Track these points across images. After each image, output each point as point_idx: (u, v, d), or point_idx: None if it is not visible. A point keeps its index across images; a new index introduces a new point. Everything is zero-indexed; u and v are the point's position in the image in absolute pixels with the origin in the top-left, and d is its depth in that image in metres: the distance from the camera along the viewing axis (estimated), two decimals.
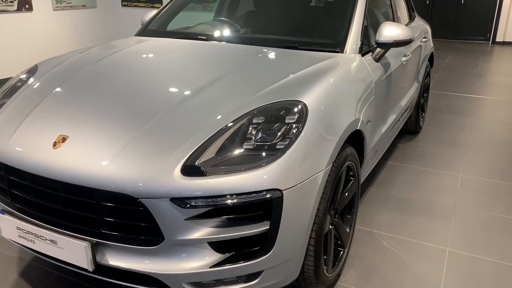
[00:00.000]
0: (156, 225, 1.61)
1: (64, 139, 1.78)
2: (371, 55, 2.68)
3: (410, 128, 4.38)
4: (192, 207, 1.59)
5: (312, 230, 1.85)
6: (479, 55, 9.58)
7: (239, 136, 1.74)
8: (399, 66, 3.13)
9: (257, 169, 1.63)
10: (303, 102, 1.86)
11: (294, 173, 1.68)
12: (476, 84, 6.89)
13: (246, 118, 1.79)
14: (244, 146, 1.71)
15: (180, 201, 1.58)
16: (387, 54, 2.82)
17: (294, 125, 1.77)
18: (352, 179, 2.29)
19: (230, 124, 1.77)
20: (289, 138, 1.72)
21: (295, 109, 1.83)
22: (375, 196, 3.21)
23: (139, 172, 1.61)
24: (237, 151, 1.69)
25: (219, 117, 1.83)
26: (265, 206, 1.65)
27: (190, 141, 1.71)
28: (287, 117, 1.79)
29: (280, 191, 1.64)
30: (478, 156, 3.99)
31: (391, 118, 3.15)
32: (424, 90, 4.49)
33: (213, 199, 1.59)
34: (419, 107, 4.28)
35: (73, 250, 1.70)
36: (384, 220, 2.88)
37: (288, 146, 1.70)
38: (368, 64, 2.58)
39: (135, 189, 1.58)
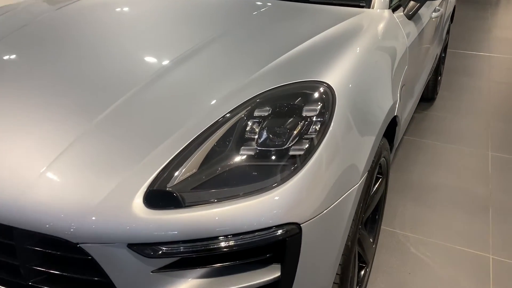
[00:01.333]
0: (109, 280, 1.05)
1: None
2: (403, 11, 2.06)
3: (426, 95, 3.81)
4: (163, 255, 1.02)
5: (339, 264, 1.31)
6: (487, 7, 8.88)
7: (235, 138, 1.15)
8: (429, 23, 2.51)
9: (263, 194, 1.06)
10: (328, 84, 1.26)
11: (318, 195, 1.12)
12: (488, 40, 6.27)
13: (245, 110, 1.20)
14: (242, 153, 1.13)
15: (143, 248, 1.02)
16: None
17: (316, 120, 1.18)
18: (380, 177, 1.74)
19: (220, 119, 1.18)
20: (309, 140, 1.14)
21: (317, 95, 1.23)
22: (394, 183, 2.68)
23: (77, 202, 1.03)
24: (232, 163, 1.11)
25: (205, 107, 1.23)
26: (276, 247, 1.09)
27: (161, 149, 1.12)
28: (305, 108, 1.20)
29: (298, 225, 1.08)
30: (506, 128, 3.46)
31: (418, 88, 2.57)
32: (443, 50, 3.89)
33: (196, 243, 1.03)
34: (438, 70, 3.69)
35: None
36: (408, 216, 2.36)
37: (308, 153, 1.12)
38: (400, 22, 1.97)
39: (71, 229, 1.01)
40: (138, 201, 1.02)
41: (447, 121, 3.56)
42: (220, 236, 1.02)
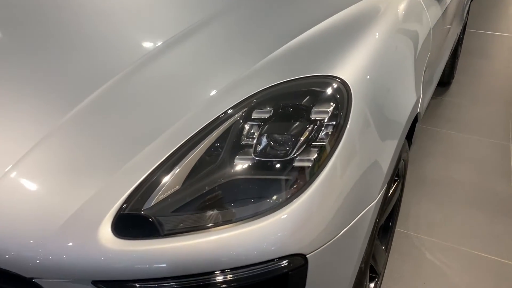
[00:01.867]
0: None
1: None
2: None
3: (442, 79, 3.55)
4: None
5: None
6: None
7: (228, 146, 0.95)
8: (452, 1, 2.25)
9: (261, 218, 0.85)
10: (342, 80, 1.04)
11: (329, 218, 0.91)
12: (507, 19, 5.94)
13: (241, 111, 0.99)
14: (237, 165, 0.92)
15: (112, 285, 0.82)
16: None
17: (327, 124, 0.97)
18: (397, 180, 1.53)
19: (212, 122, 0.97)
20: (319, 149, 0.93)
21: (329, 93, 1.01)
22: (407, 177, 2.47)
23: (31, 227, 0.83)
24: (223, 177, 0.91)
25: (193, 107, 1.02)
26: (276, 281, 0.90)
27: (138, 159, 0.92)
28: (314, 109, 0.98)
29: (304, 256, 0.88)
30: None
31: (438, 74, 2.33)
32: (462, 30, 3.62)
33: (178, 280, 0.83)
34: (456, 52, 3.43)
35: None
36: (423, 217, 2.16)
37: (318, 165, 0.91)
38: (423, 0, 1.72)
39: (21, 261, 0.81)
40: (105, 228, 0.82)
41: (463, 108, 3.32)
42: (208, 273, 0.83)
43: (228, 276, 0.84)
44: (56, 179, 0.91)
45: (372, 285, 1.58)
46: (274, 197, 0.88)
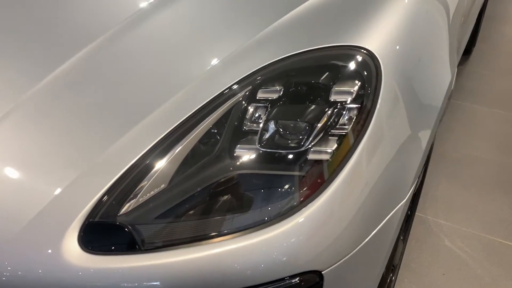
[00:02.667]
0: None
1: None
2: None
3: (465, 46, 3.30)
4: None
5: None
6: None
7: (227, 133, 0.77)
8: None
9: (268, 228, 0.68)
10: (369, 51, 0.84)
11: (352, 225, 0.74)
12: None
13: (244, 90, 0.80)
14: (237, 157, 0.74)
15: None
16: None
17: (351, 107, 0.78)
18: None
19: (209, 103, 0.79)
20: (341, 138, 0.75)
21: (353, 68, 0.82)
22: None
23: None
24: (220, 173, 0.73)
25: (184, 84, 0.83)
26: None
27: (114, 150, 0.74)
28: (335, 88, 0.79)
29: (319, 273, 0.71)
30: None
31: (465, 41, 2.10)
32: None
33: None
34: (480, 16, 3.16)
35: None
36: (442, 199, 1.99)
37: (340, 159, 0.73)
38: None
39: None
40: (70, 239, 0.65)
41: (485, 78, 3.09)
42: None
43: None
44: (16, 169, 0.74)
45: (388, 280, 1.43)
46: (284, 200, 0.71)
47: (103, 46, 0.93)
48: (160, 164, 0.72)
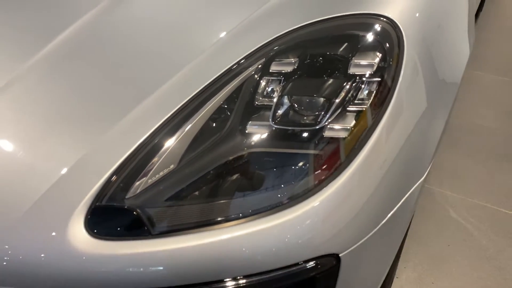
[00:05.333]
0: None
1: None
2: None
3: None
4: None
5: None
6: None
7: (239, 108, 0.72)
8: None
9: (283, 211, 0.65)
10: (390, 19, 0.78)
11: (370, 206, 0.70)
12: None
13: (257, 63, 0.75)
14: (249, 134, 0.70)
15: None
16: None
17: (371, 81, 0.73)
18: None
19: (220, 77, 0.74)
20: (360, 115, 0.71)
21: (374, 38, 0.76)
22: None
23: None
24: (232, 152, 0.69)
25: (193, 57, 0.78)
26: (300, 285, 0.71)
27: (121, 127, 0.70)
28: (354, 61, 0.74)
29: (336, 256, 0.68)
30: None
31: (476, 7, 2.02)
32: None
33: None
34: None
35: None
36: (447, 169, 1.97)
37: (359, 137, 0.69)
38: None
39: None
40: (76, 224, 0.62)
41: (491, 44, 3.01)
42: (214, 281, 0.63)
43: (241, 283, 0.65)
44: (17, 148, 0.69)
45: None
46: (299, 181, 0.67)
47: (103, 13, 0.86)
48: (169, 143, 0.68)
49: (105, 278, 0.60)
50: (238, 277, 0.64)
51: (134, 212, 0.63)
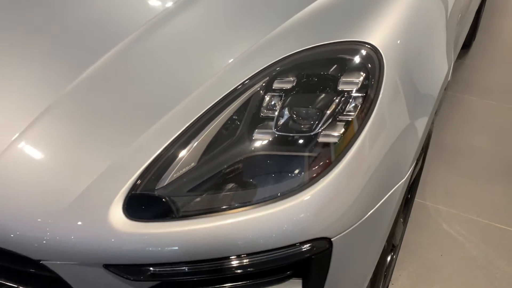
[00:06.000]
0: None
1: None
2: None
3: (463, 40, 3.38)
4: (150, 277, 0.78)
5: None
6: None
7: (247, 120, 0.87)
8: None
9: (283, 200, 0.79)
10: (372, 46, 0.94)
11: (357, 199, 0.84)
12: None
13: (262, 81, 0.90)
14: (256, 140, 0.85)
15: (125, 269, 0.77)
16: None
17: (356, 96, 0.88)
18: (420, 152, 1.45)
19: (229, 94, 0.89)
20: (347, 124, 0.85)
21: (358, 61, 0.92)
22: None
23: (36, 207, 0.78)
24: (242, 154, 0.84)
25: (208, 77, 0.93)
26: (298, 264, 0.84)
27: (149, 134, 0.85)
28: (342, 79, 0.89)
29: (328, 240, 0.82)
30: None
31: (464, 36, 2.20)
32: None
33: (195, 264, 0.78)
34: (480, 11, 3.24)
35: None
36: (440, 186, 2.10)
37: (346, 141, 0.84)
38: None
39: (27, 243, 0.76)
40: (116, 209, 0.76)
41: (484, 71, 3.18)
42: (226, 257, 0.77)
43: (245, 261, 0.78)
44: (64, 152, 0.85)
45: (388, 258, 1.53)
46: (297, 177, 0.81)
47: (130, 46, 1.02)
48: (190, 146, 0.83)
49: (138, 251, 0.74)
50: (242, 255, 0.77)
51: (163, 199, 0.77)
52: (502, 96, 2.85)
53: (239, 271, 0.79)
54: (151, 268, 0.77)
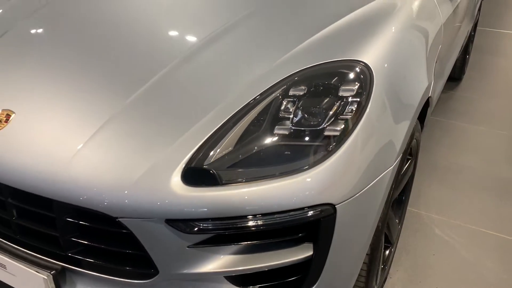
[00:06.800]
0: (146, 254, 1.08)
1: (8, 117, 1.20)
2: None
3: (453, 75, 3.71)
4: (199, 231, 1.04)
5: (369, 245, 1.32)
6: None
7: (269, 117, 1.15)
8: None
9: (297, 174, 1.05)
10: (365, 64, 1.23)
11: (353, 177, 1.11)
12: None
13: (280, 89, 1.19)
14: (277, 133, 1.12)
15: (181, 224, 1.03)
16: None
17: (352, 100, 1.16)
18: (410, 159, 1.72)
19: (255, 99, 1.17)
20: (345, 121, 1.13)
21: (354, 75, 1.21)
22: (419, 162, 2.65)
23: (116, 178, 1.05)
24: (266, 142, 1.11)
25: (239, 86, 1.22)
26: (310, 227, 1.10)
27: (197, 127, 1.12)
28: (342, 88, 1.18)
29: (333, 206, 1.08)
30: None
31: (449, 67, 2.51)
32: (473, 27, 3.77)
33: (231, 220, 1.04)
34: (467, 48, 3.59)
35: (28, 281, 1.18)
36: (433, 198, 2.35)
37: (344, 134, 1.11)
38: None
39: (110, 203, 1.03)
40: (176, 178, 1.03)
41: (474, 102, 3.48)
42: (253, 215, 1.03)
43: (268, 220, 1.04)
44: (130, 145, 1.11)
45: (386, 252, 1.77)
46: (308, 159, 1.08)
47: (171, 72, 1.31)
48: (227, 136, 1.10)
49: (191, 209, 1.00)
50: (263, 215, 1.03)
51: (210, 171, 1.03)
52: (492, 123, 3.14)
53: (262, 227, 1.04)
54: (200, 224, 1.03)
